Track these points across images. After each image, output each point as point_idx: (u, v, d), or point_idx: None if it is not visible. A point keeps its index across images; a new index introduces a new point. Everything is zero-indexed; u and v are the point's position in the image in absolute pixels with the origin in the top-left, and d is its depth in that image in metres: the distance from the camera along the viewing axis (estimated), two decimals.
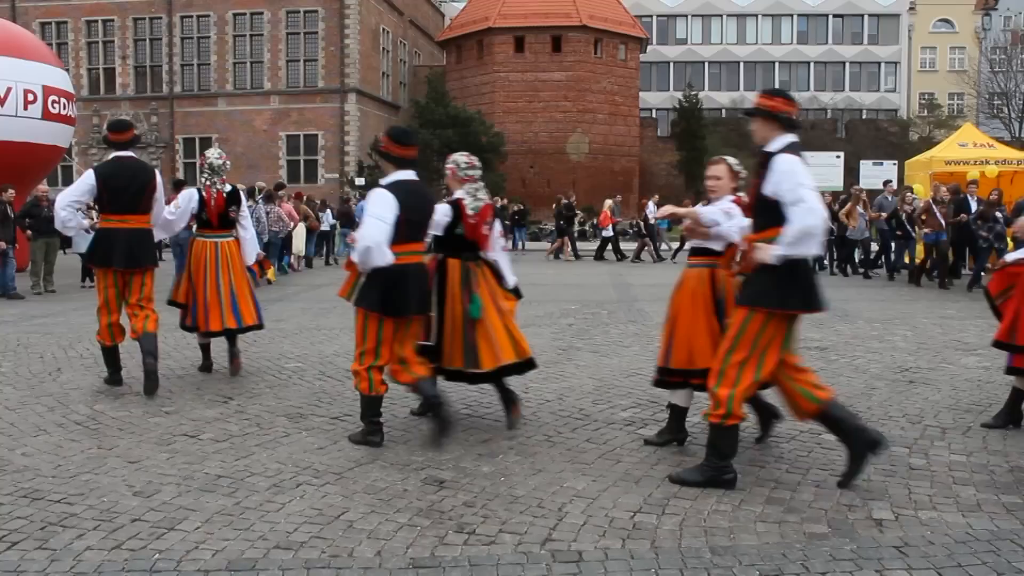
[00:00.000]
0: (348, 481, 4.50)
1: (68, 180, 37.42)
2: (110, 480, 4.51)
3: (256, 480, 4.52)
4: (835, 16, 58.77)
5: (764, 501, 4.19)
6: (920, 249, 16.32)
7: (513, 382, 5.81)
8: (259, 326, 7.42)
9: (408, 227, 5.08)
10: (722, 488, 4.34)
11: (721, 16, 59.24)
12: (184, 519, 3.95)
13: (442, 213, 5.49)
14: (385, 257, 4.94)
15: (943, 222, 15.09)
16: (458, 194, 5.67)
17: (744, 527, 3.87)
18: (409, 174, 5.27)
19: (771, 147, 4.34)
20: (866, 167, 33.71)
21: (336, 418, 5.82)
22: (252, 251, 7.47)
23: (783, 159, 4.24)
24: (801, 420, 4.68)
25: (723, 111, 55.95)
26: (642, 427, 5.55)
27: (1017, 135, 46.85)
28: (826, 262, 18.34)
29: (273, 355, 8.26)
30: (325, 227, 22.79)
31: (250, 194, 16.53)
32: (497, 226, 5.81)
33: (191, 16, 40.28)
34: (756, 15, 59.09)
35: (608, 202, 24.80)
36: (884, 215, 17.32)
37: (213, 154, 7.50)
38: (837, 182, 34.60)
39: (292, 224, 18.66)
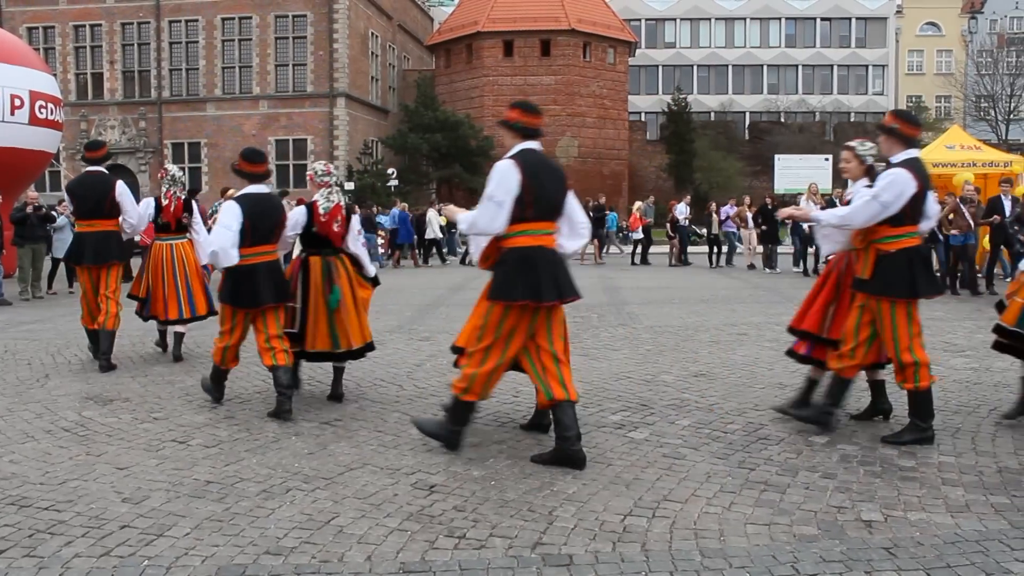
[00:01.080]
0: (338, 486, 4.49)
1: (56, 186, 37.33)
2: (99, 486, 4.49)
3: (246, 486, 4.50)
4: (823, 19, 59.03)
5: (754, 503, 4.20)
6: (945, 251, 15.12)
7: (506, 386, 5.88)
8: (213, 313, 8.00)
9: (254, 233, 6.01)
10: (447, 447, 5.06)
11: (709, 20, 59.43)
12: (173, 525, 3.94)
13: (299, 214, 6.33)
14: (230, 259, 5.90)
15: (972, 223, 14.22)
16: (315, 197, 6.45)
17: (734, 529, 3.88)
18: (259, 188, 6.24)
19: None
20: None
21: (326, 423, 5.80)
22: (203, 253, 7.96)
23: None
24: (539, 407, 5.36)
25: (712, 114, 56.15)
26: (632, 430, 5.55)
27: (1004, 137, 47.17)
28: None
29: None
30: None
31: None
32: (355, 223, 6.57)
33: (179, 21, 40.22)
34: (744, 19, 59.31)
35: (639, 204, 24.33)
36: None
37: (174, 168, 8.71)
38: (825, 184, 34.65)
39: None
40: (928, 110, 54.78)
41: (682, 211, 23.03)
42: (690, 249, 23.82)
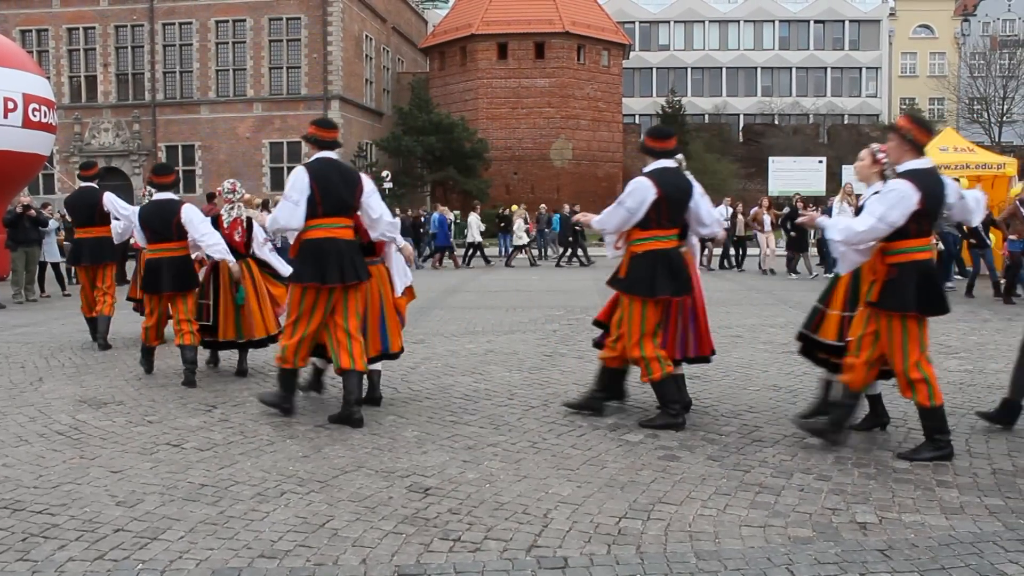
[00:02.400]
0: (333, 489, 4.49)
1: (49, 189, 37.29)
2: (92, 490, 4.48)
3: (240, 489, 4.49)
4: (816, 22, 59.21)
5: (749, 505, 4.20)
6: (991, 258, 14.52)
7: (500, 390, 5.84)
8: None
9: (153, 234, 7.51)
10: (282, 413, 5.99)
11: (703, 22, 59.57)
12: (168, 529, 3.93)
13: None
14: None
15: None
16: (220, 211, 7.76)
17: (729, 531, 3.88)
18: (166, 194, 7.62)
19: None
20: (848, 172, 33.91)
21: (320, 426, 5.80)
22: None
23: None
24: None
25: (706, 117, 56.26)
26: (627, 432, 5.55)
27: (997, 140, 47.34)
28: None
29: (257, 364, 8.23)
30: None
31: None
32: (258, 232, 7.77)
33: (173, 24, 40.17)
34: (738, 21, 59.46)
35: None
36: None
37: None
38: (819, 187, 34.78)
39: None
40: (922, 112, 54.93)
41: (723, 213, 22.30)
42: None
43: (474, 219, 24.71)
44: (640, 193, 5.58)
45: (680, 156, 5.93)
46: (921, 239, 4.94)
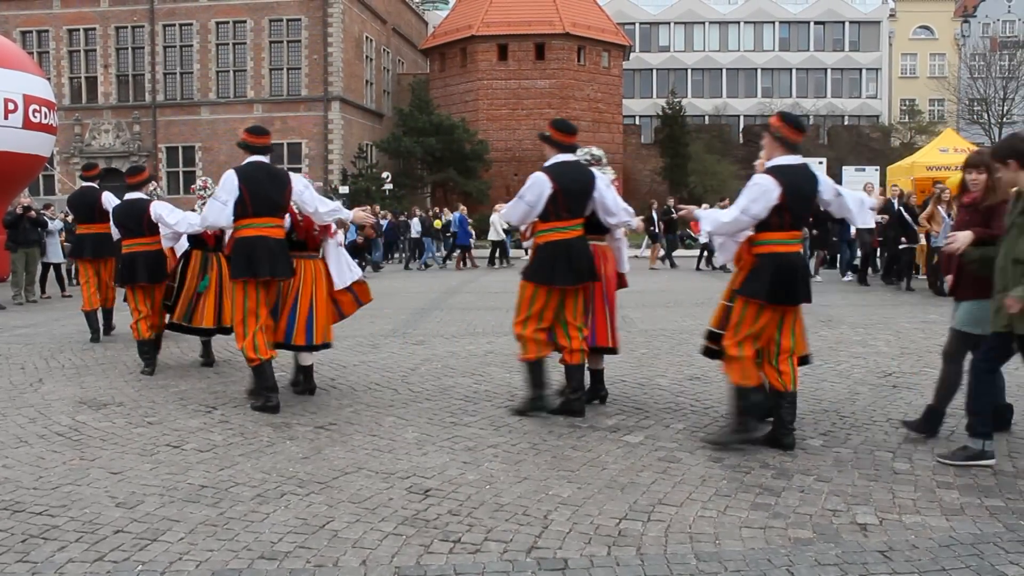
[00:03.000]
0: (333, 490, 4.48)
1: (50, 190, 37.30)
2: (92, 491, 4.47)
3: (240, 490, 4.49)
4: (816, 23, 59.20)
5: (749, 507, 4.20)
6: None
7: (500, 391, 5.85)
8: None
9: (127, 231, 8.23)
10: (267, 410, 6.17)
11: (704, 24, 59.56)
12: (167, 530, 3.92)
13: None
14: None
15: None
16: (195, 207, 8.30)
17: (729, 533, 3.88)
18: (137, 194, 8.39)
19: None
20: (848, 173, 33.89)
21: (321, 427, 5.80)
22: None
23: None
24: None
25: (706, 118, 56.27)
26: (627, 434, 5.55)
27: (997, 141, 47.25)
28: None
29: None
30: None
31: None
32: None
33: (174, 25, 40.16)
34: (738, 22, 59.45)
35: (704, 206, 23.63)
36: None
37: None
38: None
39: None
40: (921, 113, 55.02)
41: None
42: (686, 253, 23.62)
43: (496, 218, 24.56)
44: (537, 187, 5.86)
45: (597, 151, 6.43)
46: (783, 232, 5.14)
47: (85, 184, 10.40)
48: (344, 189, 33.62)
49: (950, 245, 5.11)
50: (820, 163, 39.13)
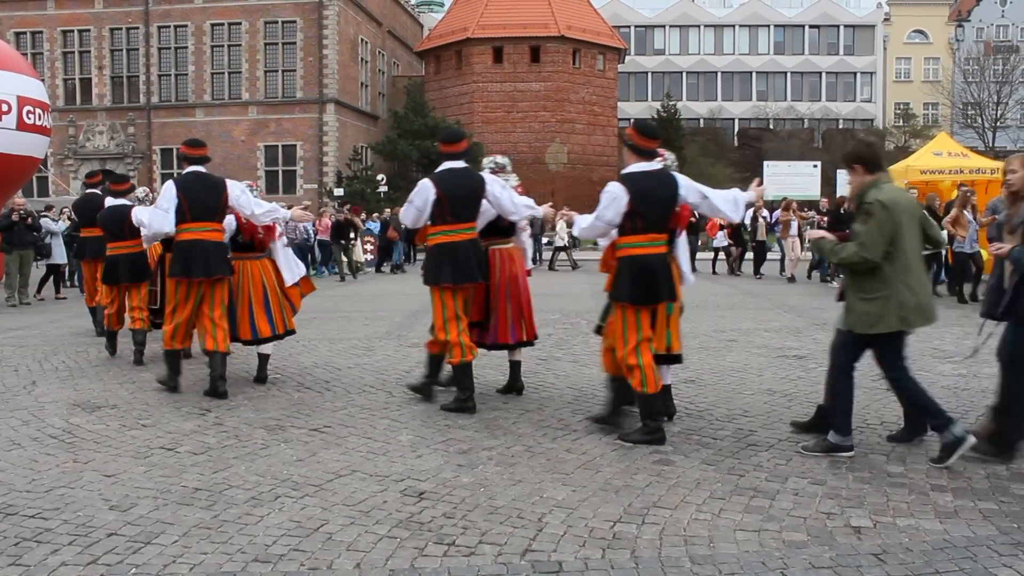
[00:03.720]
0: (327, 493, 4.48)
1: (44, 191, 37.22)
2: (86, 494, 4.46)
3: (234, 493, 4.48)
4: (811, 27, 59.35)
5: (743, 510, 4.20)
6: None
7: (494, 394, 6.17)
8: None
9: (110, 235, 8.78)
10: (168, 388, 7.05)
11: (699, 27, 59.67)
12: (161, 533, 3.92)
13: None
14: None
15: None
16: None
17: (724, 536, 3.88)
18: (120, 200, 8.94)
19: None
20: (843, 176, 33.91)
21: (315, 430, 5.79)
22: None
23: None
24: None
25: (701, 121, 56.34)
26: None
27: (991, 145, 47.45)
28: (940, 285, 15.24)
29: (252, 367, 8.21)
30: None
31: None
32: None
33: (168, 26, 40.10)
34: (733, 26, 59.58)
35: None
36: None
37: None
38: (814, 191, 34.84)
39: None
40: (916, 117, 55.14)
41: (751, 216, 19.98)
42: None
43: (561, 225, 24.14)
44: (423, 193, 6.33)
45: (501, 160, 6.90)
46: (639, 235, 5.43)
47: (89, 191, 11.09)
48: (339, 191, 33.58)
49: (999, 251, 5.09)
50: (815, 166, 39.29)
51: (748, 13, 59.21)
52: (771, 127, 54.49)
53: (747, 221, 20.01)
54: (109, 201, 9.18)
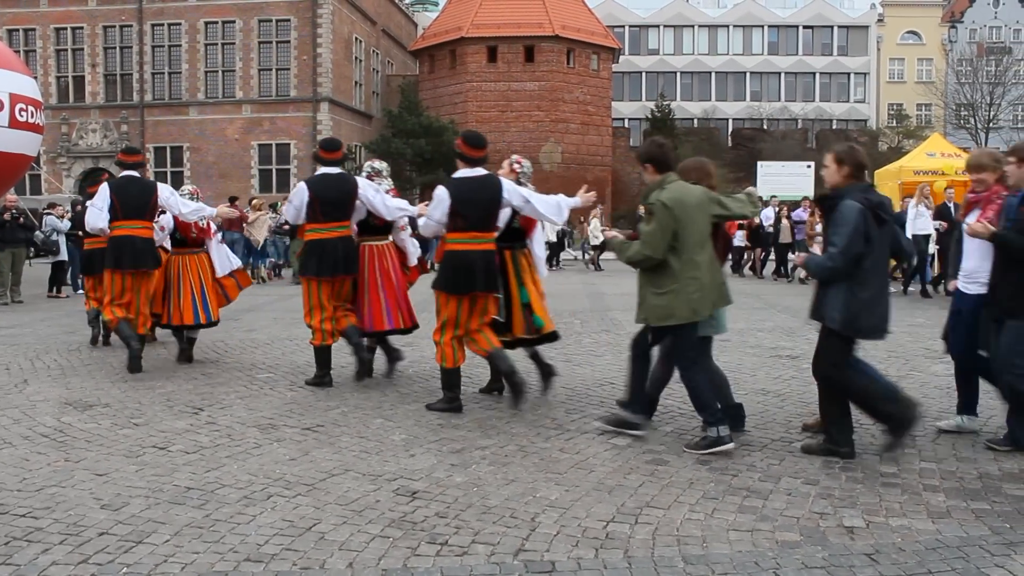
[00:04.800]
0: (320, 492, 4.47)
1: (36, 189, 37.10)
2: (77, 493, 4.44)
3: (226, 492, 4.47)
4: (805, 27, 59.44)
5: (736, 510, 4.20)
6: None
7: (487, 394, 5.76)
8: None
9: (86, 232, 9.01)
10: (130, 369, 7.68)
11: (693, 27, 59.72)
12: (153, 532, 3.90)
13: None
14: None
15: None
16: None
17: (717, 536, 3.88)
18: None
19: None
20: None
21: (308, 429, 5.78)
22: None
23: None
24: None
25: (695, 121, 56.36)
26: (615, 436, 5.54)
27: (983, 146, 47.52)
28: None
29: (245, 365, 8.20)
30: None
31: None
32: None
33: (162, 24, 40.02)
34: (727, 26, 59.64)
35: None
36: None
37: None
38: (807, 191, 34.86)
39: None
40: (909, 118, 55.22)
41: (768, 216, 19.87)
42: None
43: (596, 224, 24.01)
44: (299, 195, 7.17)
45: (378, 165, 7.66)
46: (461, 233, 6.13)
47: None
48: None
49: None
50: (808, 167, 39.33)
51: (742, 13, 59.28)
52: (765, 127, 54.53)
53: (766, 222, 19.87)
54: (88, 202, 9.21)
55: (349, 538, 3.85)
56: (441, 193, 6.18)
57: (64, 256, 16.11)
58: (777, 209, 20.31)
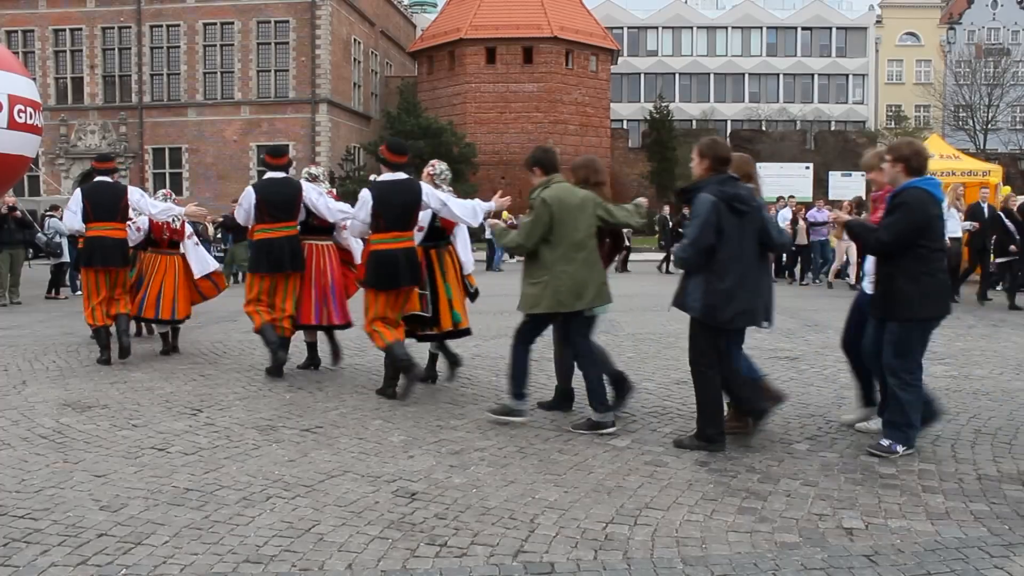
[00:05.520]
0: (319, 494, 4.47)
1: (35, 190, 37.09)
2: (76, 494, 4.44)
3: (225, 493, 4.47)
4: (804, 29, 59.48)
5: (736, 511, 4.20)
6: None
7: (487, 395, 6.18)
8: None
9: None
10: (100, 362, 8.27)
11: (691, 28, 59.75)
12: (152, 533, 3.90)
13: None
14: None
15: None
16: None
17: (716, 537, 3.88)
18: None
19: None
20: (835, 178, 34.10)
21: (307, 430, 5.77)
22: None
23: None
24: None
25: (693, 122, 56.38)
26: (614, 437, 5.55)
27: (982, 147, 47.61)
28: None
29: (243, 367, 8.20)
30: None
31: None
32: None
33: (160, 26, 40.02)
34: (726, 27, 59.68)
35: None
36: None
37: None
38: (806, 193, 34.92)
39: None
40: (907, 119, 55.25)
41: (785, 217, 18.80)
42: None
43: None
44: (247, 198, 7.70)
45: (315, 171, 8.20)
46: (382, 233, 6.64)
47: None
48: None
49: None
50: (807, 168, 39.39)
51: (740, 15, 59.32)
52: (763, 129, 54.54)
53: (782, 222, 18.44)
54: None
55: (348, 539, 3.84)
56: (365, 195, 6.72)
57: (67, 258, 16.10)
58: (794, 209, 19.75)
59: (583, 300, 5.64)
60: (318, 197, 7.73)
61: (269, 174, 7.87)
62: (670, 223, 23.41)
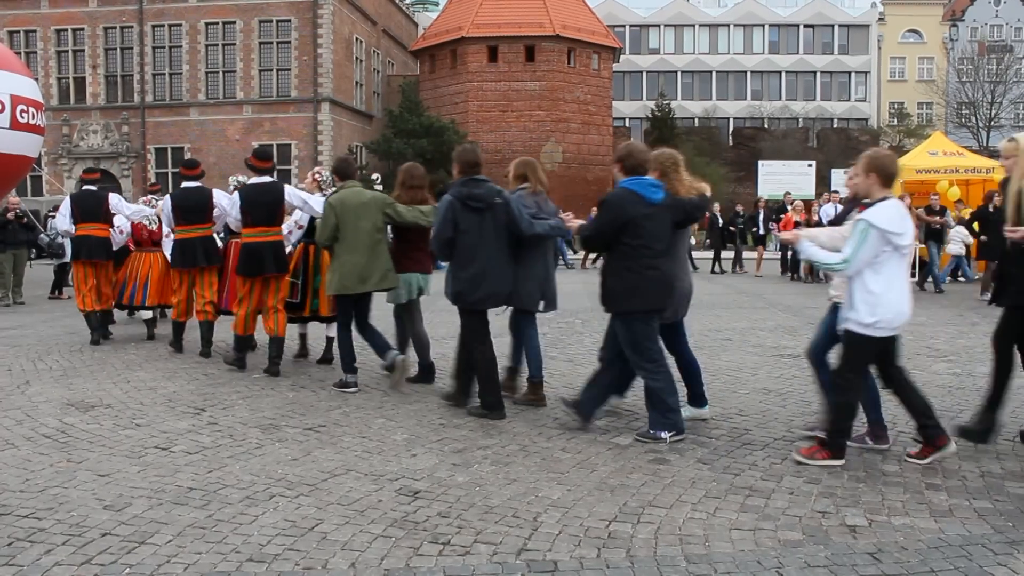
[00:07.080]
0: (322, 492, 4.47)
1: (38, 190, 37.12)
2: (79, 494, 4.45)
3: (229, 492, 4.47)
4: (806, 26, 59.42)
5: (739, 509, 4.20)
6: None
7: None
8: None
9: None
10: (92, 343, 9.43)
11: (693, 26, 59.70)
12: (155, 533, 3.90)
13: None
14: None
15: None
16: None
17: (719, 535, 3.88)
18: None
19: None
20: (838, 176, 33.99)
21: (310, 429, 5.78)
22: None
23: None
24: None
25: (696, 120, 56.36)
26: (617, 436, 5.55)
27: (985, 144, 47.54)
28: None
29: (248, 366, 8.19)
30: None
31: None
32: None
33: (163, 25, 39.98)
34: (728, 25, 59.63)
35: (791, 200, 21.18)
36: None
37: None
38: (809, 190, 34.90)
39: None
40: (910, 116, 55.19)
41: (828, 213, 17.69)
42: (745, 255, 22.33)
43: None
44: (166, 204, 8.95)
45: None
46: (251, 228, 7.72)
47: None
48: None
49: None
50: (810, 166, 39.34)
51: (743, 12, 59.26)
52: (766, 126, 54.50)
53: (825, 218, 17.91)
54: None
55: (351, 538, 3.85)
56: (235, 196, 7.99)
57: (69, 258, 16.10)
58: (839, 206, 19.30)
59: (367, 284, 6.83)
60: (229, 205, 8.40)
61: (184, 184, 8.95)
62: (720, 221, 23.28)
